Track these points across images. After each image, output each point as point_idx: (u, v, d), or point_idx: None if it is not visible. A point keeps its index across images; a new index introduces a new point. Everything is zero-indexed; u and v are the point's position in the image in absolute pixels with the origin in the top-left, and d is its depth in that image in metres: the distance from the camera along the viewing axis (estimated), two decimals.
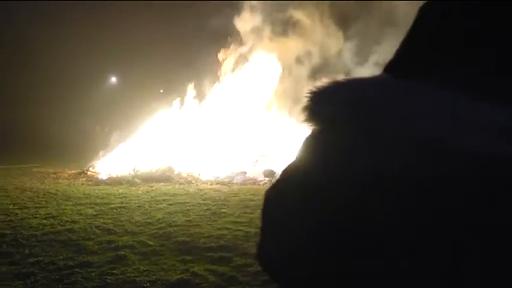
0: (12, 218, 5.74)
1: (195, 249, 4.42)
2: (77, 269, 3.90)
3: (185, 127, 10.97)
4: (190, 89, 11.36)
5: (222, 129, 10.75)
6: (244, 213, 6.22)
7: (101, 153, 10.82)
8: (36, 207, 6.48)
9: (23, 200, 7.08)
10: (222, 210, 6.41)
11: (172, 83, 11.76)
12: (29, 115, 12.58)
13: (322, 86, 0.71)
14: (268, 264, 0.77)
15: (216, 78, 11.42)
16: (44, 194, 7.66)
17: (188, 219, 5.78)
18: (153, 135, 11.04)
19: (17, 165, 11.07)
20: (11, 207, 6.48)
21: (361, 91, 0.69)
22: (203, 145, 10.39)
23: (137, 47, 12.96)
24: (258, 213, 5.15)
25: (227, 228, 5.29)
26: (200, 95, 11.32)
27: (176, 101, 11.37)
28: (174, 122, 11.15)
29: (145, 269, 3.91)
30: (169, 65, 12.27)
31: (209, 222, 5.60)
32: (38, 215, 5.94)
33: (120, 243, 4.62)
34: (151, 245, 4.54)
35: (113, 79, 15.07)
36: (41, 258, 4.16)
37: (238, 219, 5.76)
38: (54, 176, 9.89)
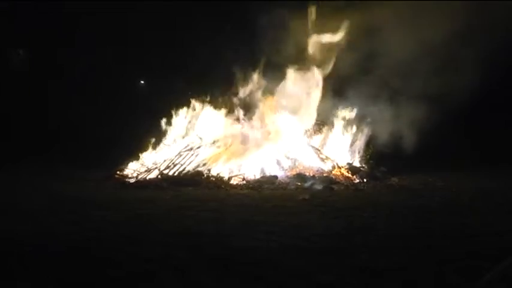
0: (36, 225, 5.52)
1: (228, 264, 4.06)
2: (101, 284, 3.60)
3: (216, 130, 10.66)
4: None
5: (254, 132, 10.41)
6: (278, 221, 5.84)
7: (128, 156, 10.62)
8: (62, 213, 6.25)
9: (49, 204, 6.88)
10: (255, 218, 6.05)
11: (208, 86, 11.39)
12: (57, 118, 12.56)
13: None
14: None
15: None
16: (70, 199, 7.46)
17: (220, 228, 5.43)
18: (182, 138, 10.78)
19: (46, 168, 11.00)
20: (36, 213, 6.28)
21: None
22: (234, 148, 10.05)
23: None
24: (292, 222, 4.75)
25: (260, 240, 4.92)
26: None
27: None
28: (205, 125, 10.85)
29: (174, 286, 3.57)
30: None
31: (242, 232, 5.24)
32: (63, 221, 5.71)
33: (147, 255, 4.30)
34: (181, 258, 4.20)
35: (142, 82, 14.92)
36: (61, 270, 3.86)
37: (272, 229, 5.38)
38: (81, 179, 9.73)
